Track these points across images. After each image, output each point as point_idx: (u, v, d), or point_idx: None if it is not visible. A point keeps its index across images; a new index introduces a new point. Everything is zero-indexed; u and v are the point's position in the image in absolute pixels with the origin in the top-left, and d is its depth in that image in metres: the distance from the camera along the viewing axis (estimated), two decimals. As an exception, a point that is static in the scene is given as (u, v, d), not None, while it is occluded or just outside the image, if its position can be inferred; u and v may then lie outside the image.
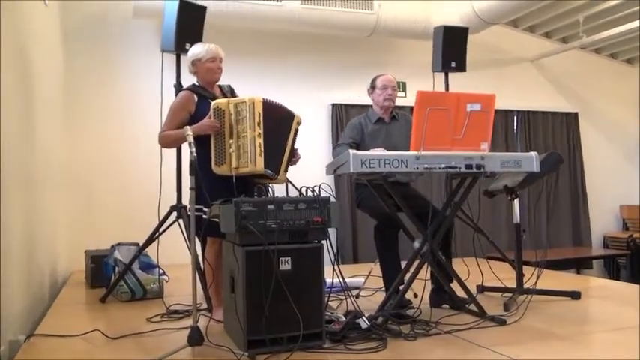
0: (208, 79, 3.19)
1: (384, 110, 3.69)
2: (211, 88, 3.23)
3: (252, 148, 2.90)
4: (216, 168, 2.97)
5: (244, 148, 2.92)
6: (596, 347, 2.66)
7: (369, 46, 6.70)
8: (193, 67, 3.20)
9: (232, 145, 2.93)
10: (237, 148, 2.93)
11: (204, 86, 3.22)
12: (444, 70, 4.64)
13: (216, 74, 3.19)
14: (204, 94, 3.16)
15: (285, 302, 2.54)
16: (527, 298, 3.35)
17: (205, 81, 3.21)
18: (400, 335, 2.77)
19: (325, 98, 6.62)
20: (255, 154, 2.90)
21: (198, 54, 3.17)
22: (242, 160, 2.93)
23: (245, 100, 2.96)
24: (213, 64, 3.16)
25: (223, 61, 3.23)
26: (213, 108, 2.98)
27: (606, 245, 7.86)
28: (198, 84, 3.24)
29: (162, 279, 4.03)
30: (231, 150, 2.93)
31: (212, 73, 3.18)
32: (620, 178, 8.05)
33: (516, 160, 3.11)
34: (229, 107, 2.97)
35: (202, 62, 3.16)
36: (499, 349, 2.53)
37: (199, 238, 2.97)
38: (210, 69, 3.17)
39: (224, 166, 2.96)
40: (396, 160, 2.87)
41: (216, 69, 3.18)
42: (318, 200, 2.68)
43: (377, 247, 3.43)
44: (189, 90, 3.19)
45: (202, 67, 3.17)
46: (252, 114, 2.91)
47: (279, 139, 3.07)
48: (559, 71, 7.78)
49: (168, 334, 2.96)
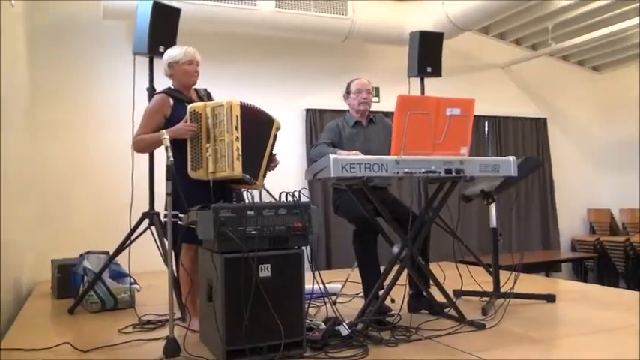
0: (185, 82, 3.12)
1: (361, 114, 3.67)
2: (187, 91, 3.16)
3: (229, 152, 2.82)
4: (193, 173, 2.88)
5: (222, 152, 2.84)
6: (575, 350, 2.66)
7: (343, 51, 6.70)
8: (170, 70, 3.13)
9: (209, 149, 2.85)
10: (214, 152, 2.85)
11: (180, 89, 3.14)
12: (419, 75, 4.65)
13: (193, 77, 3.12)
14: (180, 98, 3.08)
15: (265, 310, 2.48)
16: (504, 302, 3.37)
17: (181, 84, 3.13)
18: (381, 342, 2.74)
19: (299, 103, 6.58)
20: (232, 159, 2.82)
21: (175, 56, 3.10)
22: (219, 164, 2.84)
23: (222, 104, 2.88)
24: (190, 67, 3.10)
25: (200, 64, 3.16)
26: (190, 111, 2.90)
27: (574, 248, 8.02)
28: (173, 87, 3.16)
29: (134, 288, 3.91)
30: (208, 154, 2.85)
31: (189, 76, 3.11)
32: (587, 182, 8.23)
33: (495, 165, 3.12)
34: (206, 111, 2.90)
35: (179, 65, 3.09)
36: (482, 354, 2.52)
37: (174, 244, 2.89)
38: (187, 72, 3.10)
39: (200, 170, 2.87)
40: (376, 165, 2.84)
41: (193, 72, 3.11)
42: (299, 205, 2.63)
43: (356, 252, 3.40)
44: (165, 93, 3.10)
45: (179, 69, 3.10)
46: (229, 117, 2.83)
47: (257, 144, 3.00)
48: (529, 77, 7.93)
49: (142, 346, 2.86)
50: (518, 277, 3.52)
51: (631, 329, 2.95)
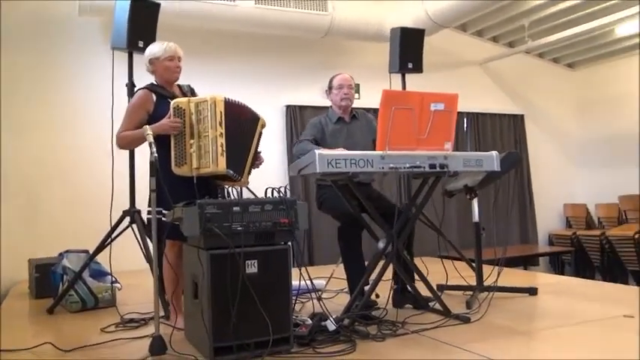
0: (167, 78, 3.08)
1: (343, 110, 3.66)
2: (170, 87, 3.12)
3: (213, 148, 2.79)
4: (177, 169, 2.84)
5: (206, 148, 2.80)
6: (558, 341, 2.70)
7: (323, 47, 6.69)
8: (151, 66, 3.09)
9: (193, 145, 2.82)
10: (198, 148, 2.82)
11: (163, 85, 3.10)
12: (401, 71, 4.65)
13: (175, 73, 3.09)
14: (162, 94, 3.05)
15: (251, 306, 2.46)
16: (488, 296, 3.40)
17: (164, 80, 3.10)
18: (368, 336, 2.74)
19: (279, 100, 6.54)
20: (217, 154, 2.79)
21: (156, 52, 3.06)
22: (203, 160, 2.81)
23: (207, 99, 2.84)
24: (171, 63, 3.06)
25: (182, 59, 3.12)
26: (174, 107, 2.86)
27: (551, 243, 8.15)
28: (156, 83, 3.12)
29: (115, 287, 3.85)
30: (192, 150, 2.82)
31: (171, 72, 3.07)
32: (564, 177, 8.37)
33: (478, 160, 3.15)
34: (190, 106, 2.86)
35: (160, 61, 3.06)
36: (469, 347, 2.54)
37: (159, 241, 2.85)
38: (169, 68, 3.06)
39: (185, 166, 2.84)
40: (361, 160, 2.84)
41: (175, 68, 3.08)
42: (285, 201, 2.61)
43: (341, 248, 3.39)
44: (147, 89, 3.06)
45: (160, 65, 3.06)
46: (213, 113, 2.80)
47: (242, 140, 2.98)
48: (506, 74, 8.02)
49: (125, 345, 2.81)
50: (502, 271, 3.56)
51: (611, 320, 3.01)
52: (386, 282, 3.28)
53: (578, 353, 2.47)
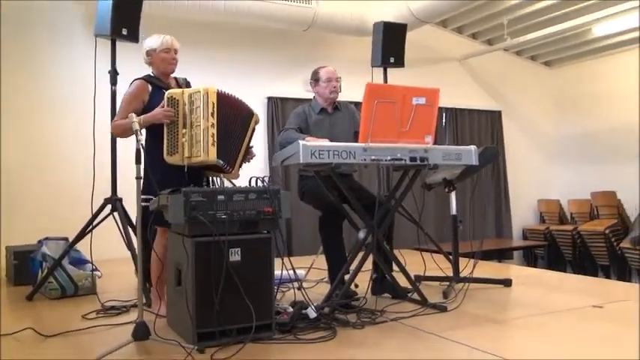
0: (163, 69, 3.16)
1: (329, 102, 3.71)
2: (166, 79, 3.20)
3: (205, 138, 2.84)
4: (169, 157, 2.90)
5: (197, 137, 2.86)
6: (531, 329, 2.80)
7: (306, 40, 6.71)
8: (148, 58, 3.17)
9: (185, 134, 2.88)
10: (190, 137, 2.87)
11: (160, 77, 3.18)
12: (383, 65, 4.71)
13: (171, 65, 3.16)
14: (158, 85, 3.12)
15: (234, 294, 2.50)
16: (464, 287, 3.49)
17: (160, 71, 3.17)
18: (348, 324, 2.80)
19: (261, 91, 6.56)
20: (208, 144, 2.84)
21: (153, 45, 3.14)
22: (194, 149, 2.86)
23: (199, 90, 2.90)
24: (167, 55, 3.13)
25: (179, 52, 3.19)
26: (167, 97, 2.93)
27: (525, 237, 8.34)
28: (153, 74, 3.19)
29: (95, 275, 3.85)
30: (184, 139, 2.88)
31: (166, 64, 3.14)
32: (539, 173, 8.57)
33: (457, 154, 3.22)
34: (183, 97, 2.92)
35: (157, 53, 3.13)
36: (445, 334, 2.62)
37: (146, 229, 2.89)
38: (165, 59, 3.14)
39: (176, 155, 2.89)
40: (344, 151, 2.89)
41: (171, 60, 3.15)
42: (269, 190, 2.65)
43: (322, 238, 3.45)
44: (144, 80, 3.13)
45: (157, 57, 3.13)
46: (206, 104, 2.86)
47: (235, 133, 3.04)
48: (484, 71, 8.15)
49: (107, 331, 2.83)
50: (477, 262, 3.66)
51: (581, 310, 3.13)
52: (366, 272, 3.36)
53: (549, 340, 2.57)
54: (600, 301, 3.28)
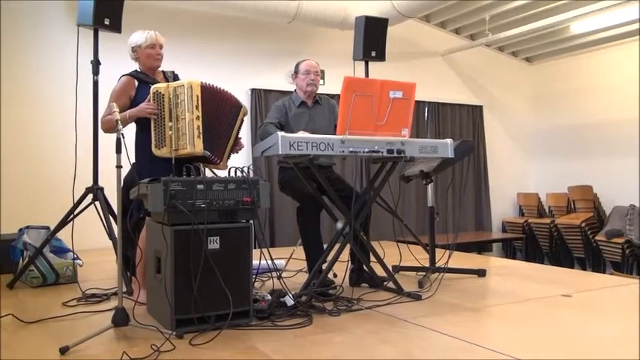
0: (149, 65, 3.22)
1: (308, 95, 3.76)
2: (153, 73, 3.25)
3: (190, 130, 2.92)
4: (157, 150, 2.97)
5: (183, 130, 2.93)
6: (502, 317, 2.91)
7: (290, 33, 6.75)
8: (134, 54, 3.23)
9: (172, 127, 2.95)
10: (176, 130, 2.94)
11: (146, 72, 3.23)
12: (364, 58, 4.77)
13: (157, 61, 3.22)
14: (145, 80, 3.18)
15: (213, 281, 2.56)
16: (439, 276, 3.59)
17: (146, 67, 3.23)
18: (324, 312, 2.88)
19: (245, 83, 6.59)
20: (194, 136, 2.92)
21: (138, 41, 3.19)
22: (181, 141, 2.94)
23: (183, 84, 2.97)
24: (152, 51, 3.19)
25: (164, 47, 3.25)
26: (153, 92, 2.99)
27: (504, 230, 8.48)
28: (139, 70, 3.24)
29: (77, 263, 3.88)
30: (171, 132, 2.95)
31: (152, 60, 3.21)
32: (518, 167, 8.72)
33: (433, 146, 3.30)
34: (169, 91, 2.98)
35: (142, 49, 3.19)
36: (418, 321, 2.71)
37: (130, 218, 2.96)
38: (150, 55, 3.20)
39: (164, 148, 2.97)
40: (322, 144, 2.95)
41: (156, 55, 3.21)
42: (248, 180, 2.71)
43: (300, 228, 3.52)
44: (130, 75, 3.19)
45: (142, 53, 3.20)
46: (190, 97, 2.93)
47: (222, 125, 3.11)
48: (467, 66, 8.24)
49: (87, 318, 2.88)
50: (452, 253, 3.75)
51: (550, 299, 3.23)
52: (343, 262, 3.43)
53: (519, 326, 2.68)
54: (570, 290, 3.39)
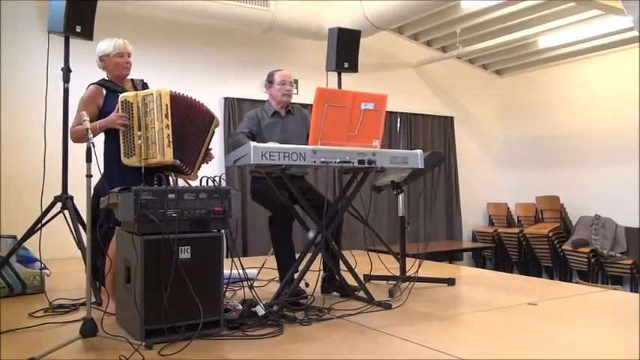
0: (117, 73, 3.19)
1: (282, 105, 3.79)
2: (121, 82, 3.22)
3: (160, 139, 2.90)
4: (126, 159, 2.94)
5: (152, 139, 2.91)
6: (470, 325, 2.97)
7: (264, 42, 6.78)
8: (102, 63, 3.20)
9: (141, 136, 2.92)
10: (145, 139, 2.92)
11: (114, 80, 3.20)
12: (337, 69, 4.82)
13: (125, 69, 3.20)
14: (113, 88, 3.15)
15: (183, 291, 2.54)
16: (409, 285, 3.64)
17: (115, 75, 3.20)
18: (295, 321, 2.89)
19: (218, 91, 6.59)
20: (163, 145, 2.90)
21: (106, 49, 3.17)
22: (150, 151, 2.91)
23: (152, 92, 2.95)
24: (121, 59, 3.17)
25: (132, 55, 3.23)
26: (121, 101, 2.95)
27: (475, 239, 8.62)
28: (107, 78, 3.22)
29: (44, 273, 3.81)
30: (140, 141, 2.92)
31: (120, 68, 3.18)
32: (488, 177, 8.88)
33: (404, 157, 3.35)
34: (137, 100, 2.96)
35: (110, 57, 3.17)
36: (388, 329, 2.74)
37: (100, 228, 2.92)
38: (119, 64, 3.17)
39: (133, 157, 2.94)
40: (294, 153, 2.97)
41: (124, 64, 3.19)
42: (219, 190, 2.71)
43: (272, 238, 3.52)
44: (98, 84, 3.16)
45: (110, 62, 3.17)
46: (159, 106, 2.91)
47: (194, 135, 3.09)
48: (438, 77, 8.39)
49: (55, 329, 2.83)
50: (422, 262, 3.80)
51: (517, 307, 3.30)
52: (315, 271, 3.45)
53: (486, 334, 2.73)
54: (537, 299, 3.47)
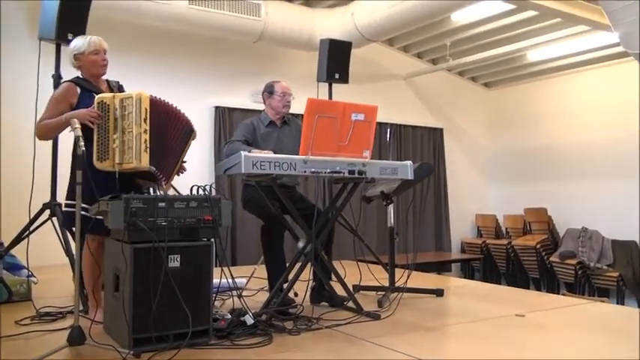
0: (94, 72, 3.06)
1: (280, 115, 3.80)
2: (96, 81, 3.10)
3: (137, 144, 2.78)
4: (99, 163, 2.82)
5: (129, 143, 2.79)
6: (458, 336, 2.98)
7: (255, 52, 6.81)
8: (77, 62, 3.05)
9: (117, 140, 2.80)
10: (121, 143, 2.79)
11: (89, 80, 3.07)
12: (328, 80, 4.86)
13: (102, 67, 3.06)
14: (88, 88, 3.02)
15: (172, 300, 2.54)
16: (398, 296, 3.65)
17: (90, 74, 3.07)
18: (284, 331, 2.88)
19: (209, 100, 6.60)
20: (140, 150, 2.79)
21: (81, 47, 3.02)
22: (126, 155, 2.80)
23: (132, 95, 2.83)
24: (97, 57, 3.03)
25: (107, 52, 3.09)
26: (98, 102, 2.83)
27: (463, 250, 8.66)
28: (82, 77, 3.09)
29: (31, 280, 3.78)
30: (115, 145, 2.80)
31: (97, 67, 3.05)
32: (477, 189, 8.95)
33: (394, 168, 3.38)
34: (115, 102, 2.84)
35: (86, 55, 3.02)
36: (376, 340, 2.74)
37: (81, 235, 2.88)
38: (95, 62, 3.04)
39: (107, 161, 2.82)
40: (285, 163, 2.99)
41: (101, 61, 3.05)
42: (209, 199, 2.71)
43: (263, 247, 3.53)
44: (72, 82, 3.03)
45: (86, 60, 3.03)
46: (138, 110, 2.79)
47: (169, 142, 2.98)
48: (428, 89, 8.47)
49: (41, 337, 2.80)
50: (411, 273, 3.82)
51: (504, 318, 3.32)
52: (304, 281, 3.45)
53: (473, 345, 2.75)
54: (524, 310, 3.49)
